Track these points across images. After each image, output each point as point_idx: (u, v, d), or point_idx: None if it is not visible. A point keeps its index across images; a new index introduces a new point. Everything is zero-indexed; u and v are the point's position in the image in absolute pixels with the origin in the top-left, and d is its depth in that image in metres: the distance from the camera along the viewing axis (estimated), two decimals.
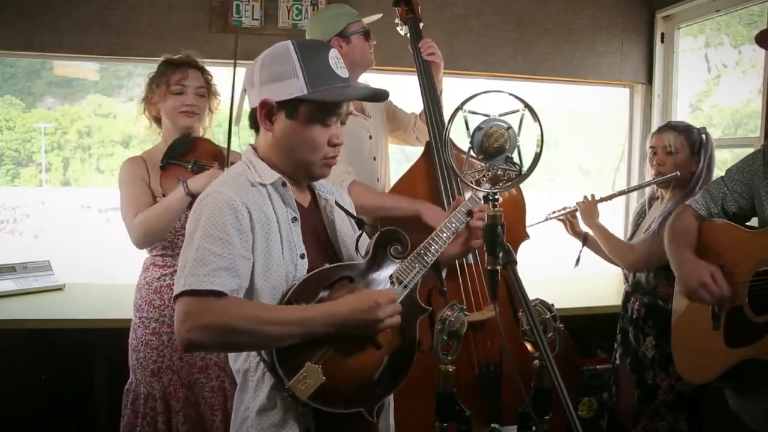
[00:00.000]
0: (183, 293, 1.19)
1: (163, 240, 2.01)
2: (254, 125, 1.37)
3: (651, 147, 2.40)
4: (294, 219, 1.33)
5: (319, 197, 1.45)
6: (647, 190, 2.60)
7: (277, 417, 1.29)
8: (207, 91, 2.12)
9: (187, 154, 2.05)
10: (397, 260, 1.38)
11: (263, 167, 1.33)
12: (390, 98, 2.49)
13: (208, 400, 2.03)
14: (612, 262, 2.53)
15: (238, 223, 1.23)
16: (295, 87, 1.26)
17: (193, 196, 1.89)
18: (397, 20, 2.37)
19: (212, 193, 1.27)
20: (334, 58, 1.30)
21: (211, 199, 1.25)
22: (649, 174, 2.43)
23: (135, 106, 2.15)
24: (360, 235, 1.43)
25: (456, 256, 1.49)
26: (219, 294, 1.18)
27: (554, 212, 2.61)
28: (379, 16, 2.38)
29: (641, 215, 2.50)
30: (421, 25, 2.36)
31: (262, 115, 1.30)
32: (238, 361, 1.34)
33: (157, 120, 2.13)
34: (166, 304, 2.01)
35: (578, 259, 2.60)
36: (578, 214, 2.53)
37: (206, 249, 1.20)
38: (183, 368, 2.01)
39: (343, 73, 1.31)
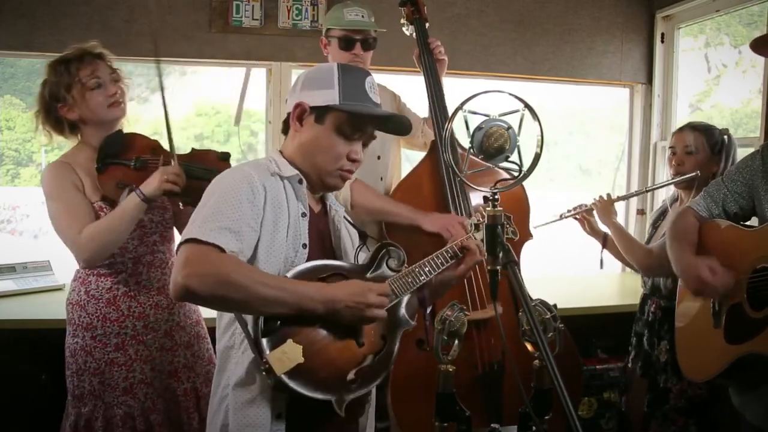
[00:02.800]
0: (188, 240, 1.26)
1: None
2: (285, 129, 1.46)
3: (670, 147, 2.37)
4: (303, 214, 1.40)
5: (329, 208, 1.52)
6: (667, 191, 2.56)
7: (252, 394, 1.32)
8: (118, 76, 1.92)
9: (124, 152, 1.86)
10: (392, 273, 1.43)
11: (284, 163, 1.42)
12: (397, 97, 2.50)
13: (182, 404, 1.92)
14: (629, 265, 2.49)
15: (253, 196, 1.31)
16: (329, 96, 1.38)
17: (149, 202, 1.78)
18: (402, 20, 2.37)
19: (234, 170, 1.39)
20: (370, 84, 1.42)
21: (232, 174, 1.36)
22: (668, 174, 2.40)
23: (135, 107, 2.07)
24: (360, 247, 1.50)
25: (451, 279, 1.52)
26: (220, 249, 1.25)
27: (569, 210, 2.56)
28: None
29: (661, 217, 2.46)
30: (427, 25, 2.36)
31: (295, 115, 1.40)
32: (224, 339, 1.38)
33: (72, 126, 1.91)
34: (126, 314, 1.85)
35: (601, 261, 2.54)
36: (595, 213, 2.49)
37: (218, 209, 1.28)
38: (155, 378, 1.88)
39: (376, 98, 1.43)
